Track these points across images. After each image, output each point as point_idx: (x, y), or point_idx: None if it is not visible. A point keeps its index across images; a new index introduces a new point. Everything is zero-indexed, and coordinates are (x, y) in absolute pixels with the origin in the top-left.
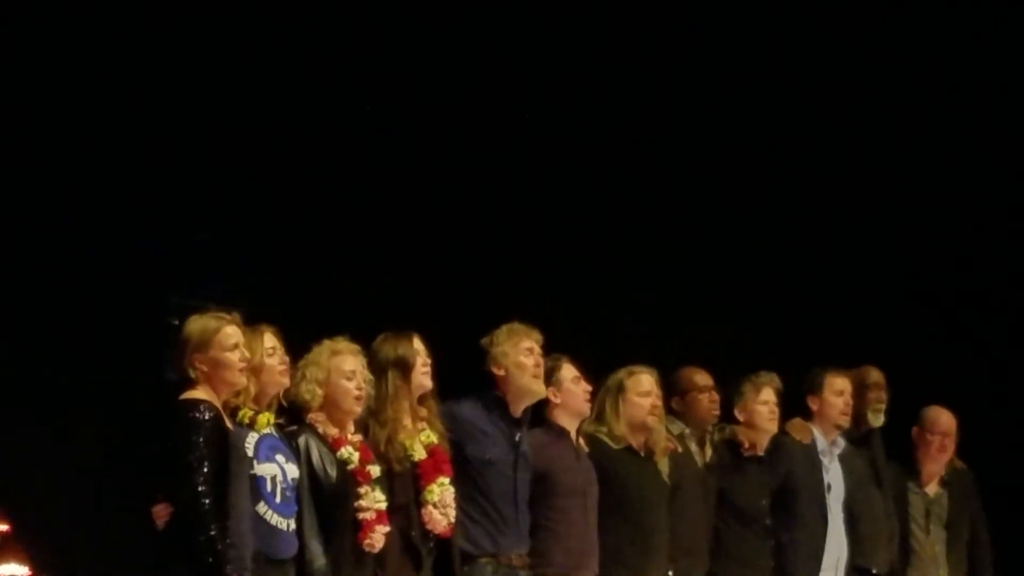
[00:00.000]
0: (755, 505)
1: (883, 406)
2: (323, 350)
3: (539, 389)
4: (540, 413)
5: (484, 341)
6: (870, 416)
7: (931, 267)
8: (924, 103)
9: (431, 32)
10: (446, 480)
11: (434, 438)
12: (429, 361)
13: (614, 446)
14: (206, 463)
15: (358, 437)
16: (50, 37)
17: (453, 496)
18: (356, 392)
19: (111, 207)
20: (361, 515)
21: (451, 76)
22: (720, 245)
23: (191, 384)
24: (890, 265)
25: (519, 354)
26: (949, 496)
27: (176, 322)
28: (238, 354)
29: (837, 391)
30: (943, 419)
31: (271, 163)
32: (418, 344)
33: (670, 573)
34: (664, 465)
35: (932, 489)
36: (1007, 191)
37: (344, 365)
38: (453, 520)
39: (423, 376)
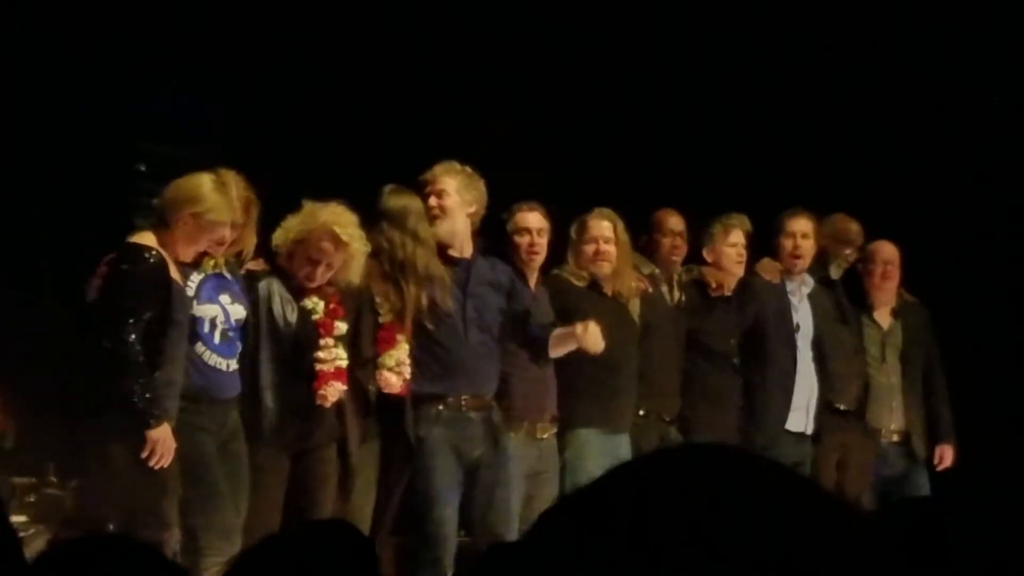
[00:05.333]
0: (724, 345)
1: (849, 264)
2: (311, 221)
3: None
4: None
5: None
6: (832, 269)
7: (909, 116)
8: None
9: None
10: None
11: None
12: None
13: (577, 283)
14: (141, 311)
15: (332, 288)
16: None
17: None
18: (316, 280)
19: (81, 54)
20: (318, 366)
21: None
22: (699, 88)
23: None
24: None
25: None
26: (903, 328)
27: (143, 168)
28: None
29: (789, 233)
30: (883, 248)
31: (243, 7)
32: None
33: (641, 412)
34: (635, 306)
35: (885, 321)
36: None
37: (312, 251)
38: (408, 376)
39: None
